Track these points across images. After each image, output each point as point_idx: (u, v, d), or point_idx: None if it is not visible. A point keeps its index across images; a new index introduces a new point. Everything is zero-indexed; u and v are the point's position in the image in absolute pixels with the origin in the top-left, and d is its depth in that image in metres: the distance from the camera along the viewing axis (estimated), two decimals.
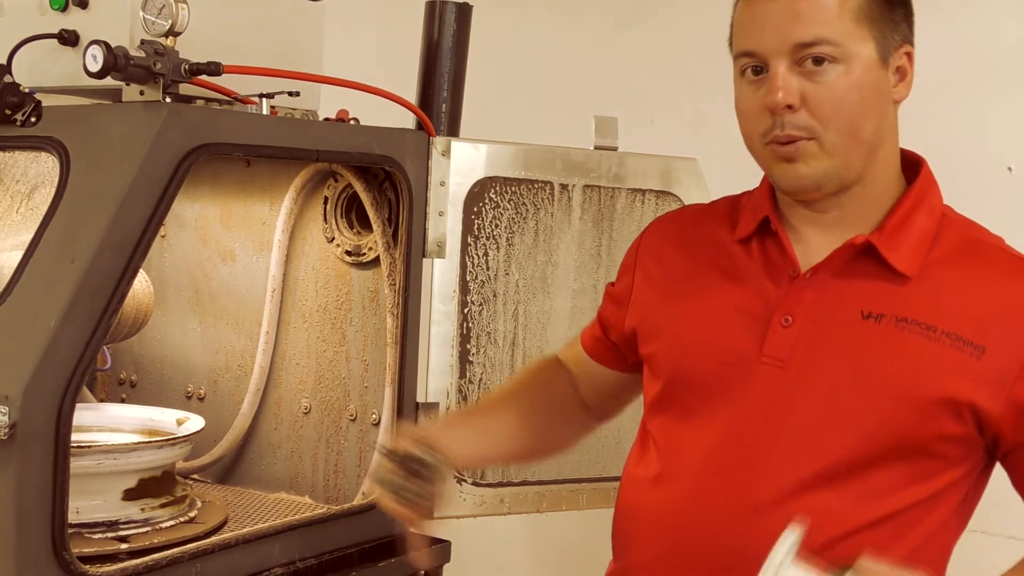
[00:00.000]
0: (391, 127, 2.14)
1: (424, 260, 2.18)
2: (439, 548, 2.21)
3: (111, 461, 1.94)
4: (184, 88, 1.85)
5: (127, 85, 1.80)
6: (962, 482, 1.55)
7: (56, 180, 1.77)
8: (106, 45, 1.71)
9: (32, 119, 1.81)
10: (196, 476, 2.43)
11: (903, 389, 1.48)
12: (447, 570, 2.26)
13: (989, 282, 1.51)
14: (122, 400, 2.55)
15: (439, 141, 2.19)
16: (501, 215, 2.24)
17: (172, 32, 1.79)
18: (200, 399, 2.50)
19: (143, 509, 1.98)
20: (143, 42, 1.77)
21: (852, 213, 1.56)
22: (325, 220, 2.35)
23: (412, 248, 2.15)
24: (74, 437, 1.64)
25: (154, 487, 2.01)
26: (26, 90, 1.82)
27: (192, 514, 2.06)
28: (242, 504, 2.25)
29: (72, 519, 1.67)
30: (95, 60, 1.72)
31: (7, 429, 1.53)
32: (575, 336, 1.91)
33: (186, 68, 1.79)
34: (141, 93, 1.80)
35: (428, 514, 1.60)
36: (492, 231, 2.24)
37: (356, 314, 2.32)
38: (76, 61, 1.80)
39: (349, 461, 2.32)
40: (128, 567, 1.75)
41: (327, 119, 2.13)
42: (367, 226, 2.26)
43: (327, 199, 2.34)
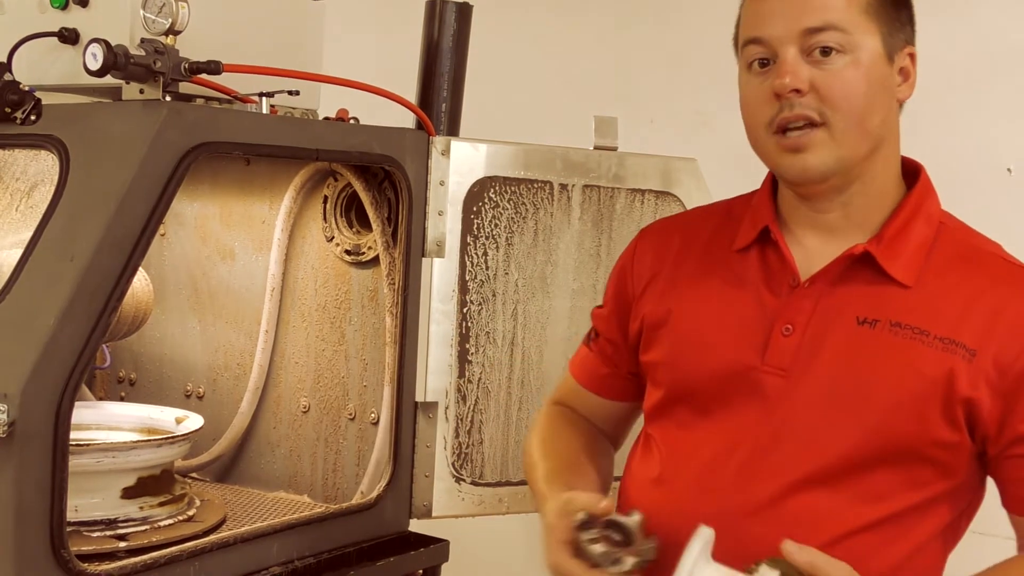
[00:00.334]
0: (391, 126, 2.14)
1: (423, 259, 2.18)
2: (438, 547, 2.22)
3: (110, 459, 1.94)
4: (184, 87, 1.85)
5: (127, 83, 1.80)
6: (957, 494, 1.55)
7: (56, 178, 1.77)
8: (106, 43, 1.71)
9: (32, 117, 1.81)
10: (195, 475, 2.43)
11: (896, 393, 1.49)
12: (446, 569, 2.27)
13: (983, 287, 1.52)
14: (121, 398, 2.55)
15: (439, 141, 2.19)
16: (500, 215, 2.24)
17: (172, 31, 1.79)
18: (199, 398, 2.50)
19: (142, 507, 1.98)
20: (143, 40, 1.77)
21: (852, 215, 1.57)
22: (324, 219, 2.35)
23: (411, 247, 2.15)
24: (73, 435, 1.64)
25: (153, 485, 2.01)
26: (26, 88, 1.82)
27: (191, 513, 2.06)
28: (240, 503, 2.25)
29: (71, 517, 1.67)
30: (95, 58, 1.72)
31: (6, 427, 1.53)
32: (563, 382, 1.89)
33: (186, 67, 1.79)
34: (141, 92, 1.80)
35: None
36: (491, 231, 2.24)
37: (355, 313, 2.32)
38: (76, 59, 1.80)
39: (348, 460, 2.32)
40: (127, 565, 1.75)
41: (327, 118, 2.13)
42: (366, 225, 2.26)
43: (327, 198, 2.34)
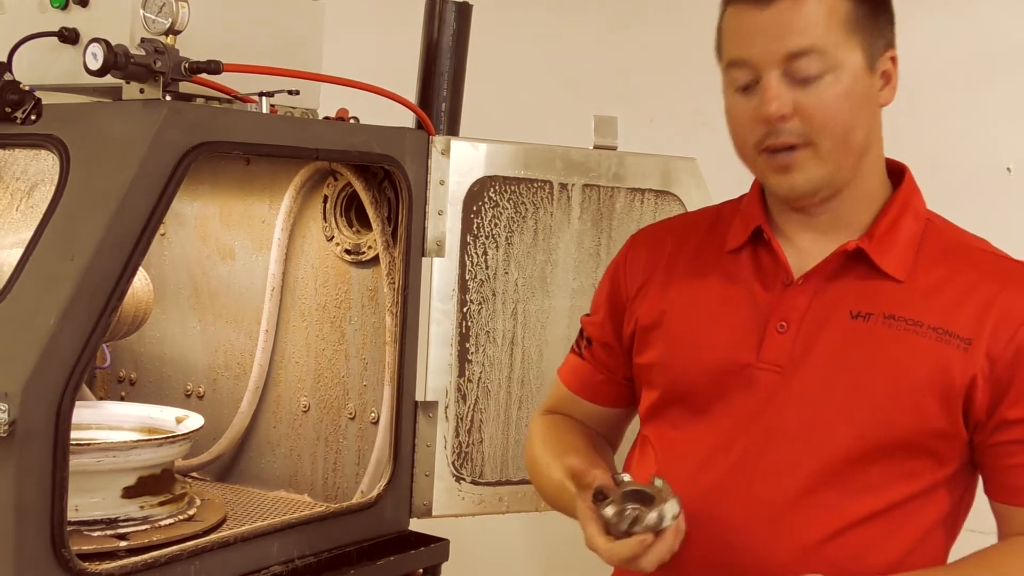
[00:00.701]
0: (391, 126, 2.14)
1: (423, 259, 2.18)
2: (438, 546, 2.22)
3: (110, 459, 1.94)
4: (184, 86, 1.85)
5: (127, 83, 1.80)
6: (954, 482, 1.56)
7: (56, 178, 1.77)
8: (106, 43, 1.72)
9: (32, 117, 1.81)
10: (195, 474, 2.44)
11: (891, 384, 1.51)
12: (446, 568, 2.27)
13: (974, 280, 1.54)
14: (121, 398, 2.55)
15: (439, 140, 2.19)
16: (500, 214, 2.24)
17: (172, 30, 1.79)
18: (199, 397, 2.50)
19: (142, 507, 1.99)
20: (143, 40, 1.77)
21: (842, 217, 1.59)
22: (324, 219, 2.35)
23: (411, 247, 2.15)
24: (73, 435, 1.64)
25: (153, 485, 2.01)
26: (26, 88, 1.82)
27: (191, 512, 2.06)
28: (241, 502, 2.25)
29: (71, 517, 1.67)
30: (95, 58, 1.72)
31: (7, 426, 1.53)
32: (554, 391, 1.91)
33: (186, 66, 1.79)
34: (141, 91, 1.80)
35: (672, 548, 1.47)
36: (491, 230, 2.24)
37: (355, 313, 2.32)
38: (76, 59, 1.80)
39: (348, 459, 2.32)
40: (127, 565, 1.74)
41: (327, 118, 2.13)
42: (366, 225, 2.26)
43: (327, 198, 2.34)
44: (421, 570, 2.21)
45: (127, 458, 1.96)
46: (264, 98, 1.94)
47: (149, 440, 2.05)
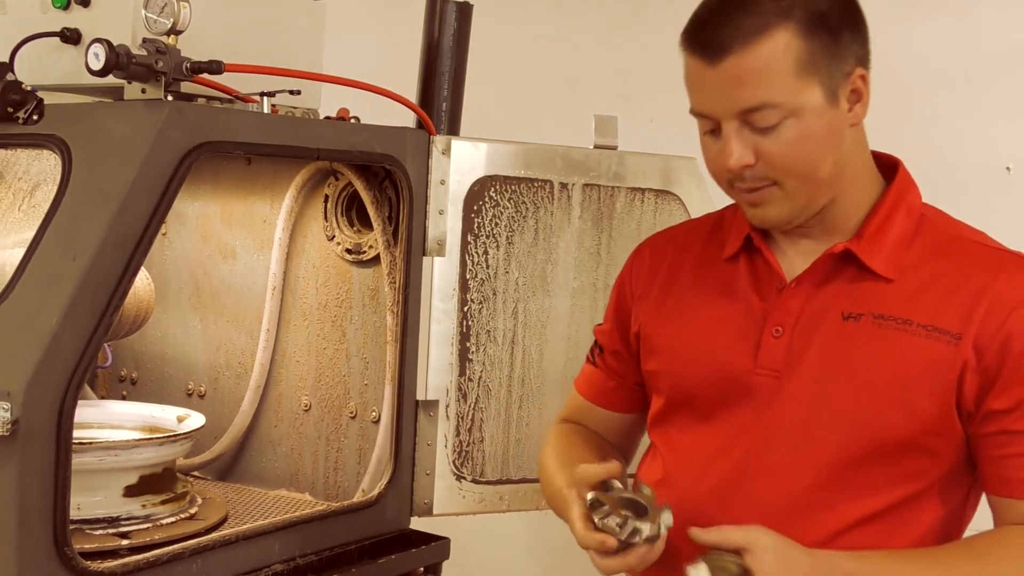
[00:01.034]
0: (391, 126, 2.14)
1: (424, 258, 2.18)
2: (439, 545, 2.22)
3: (112, 458, 1.94)
4: (185, 86, 1.85)
5: (129, 83, 1.81)
6: (956, 481, 1.57)
7: (58, 178, 1.77)
8: (108, 43, 1.72)
9: (34, 117, 1.82)
10: (196, 473, 2.44)
11: (883, 383, 1.52)
12: (446, 567, 2.27)
13: (964, 274, 1.54)
14: (123, 397, 2.56)
15: (439, 140, 2.19)
16: (501, 213, 2.25)
17: (174, 30, 1.79)
18: (200, 396, 2.51)
19: (144, 505, 1.99)
20: (145, 40, 1.78)
21: (832, 222, 1.60)
22: (325, 218, 2.35)
23: (412, 246, 2.15)
24: (75, 434, 1.65)
25: (155, 484, 2.02)
26: (28, 88, 1.83)
27: (193, 511, 2.07)
28: (242, 501, 2.26)
29: (73, 515, 1.67)
30: (97, 58, 1.72)
31: (9, 425, 1.54)
32: (570, 400, 1.93)
33: (188, 66, 1.79)
34: (143, 91, 1.80)
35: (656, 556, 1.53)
36: (492, 229, 2.24)
37: (356, 312, 2.33)
38: (78, 59, 1.81)
39: (349, 458, 2.32)
40: (129, 563, 1.75)
41: (328, 118, 2.14)
42: (367, 224, 2.26)
43: (327, 197, 2.35)
44: (422, 568, 2.21)
45: (129, 457, 1.97)
46: (265, 98, 1.94)
47: (151, 439, 2.05)
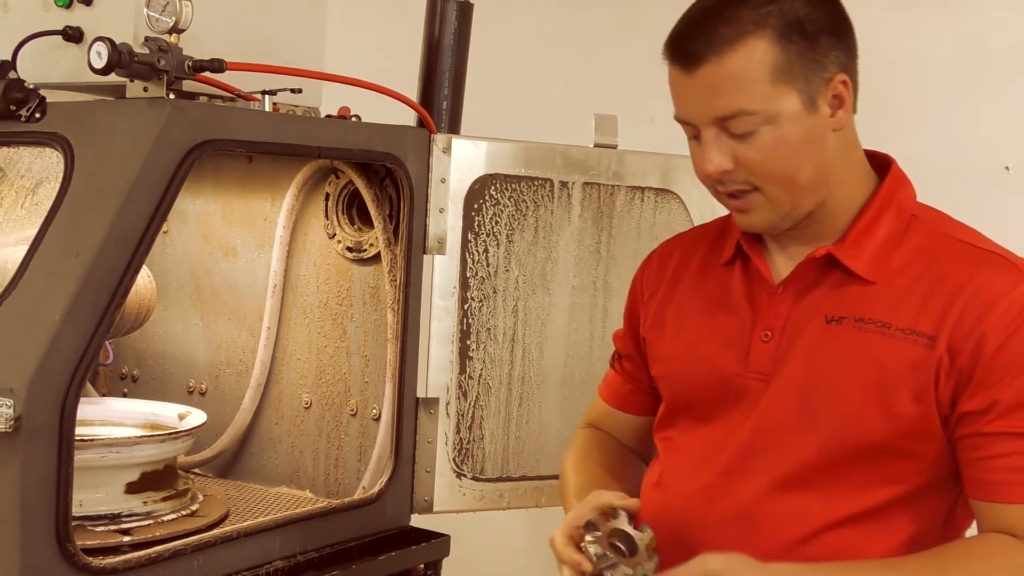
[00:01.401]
0: (392, 124, 2.15)
1: (424, 256, 2.19)
2: (439, 542, 2.23)
3: (114, 455, 1.95)
4: (187, 85, 1.86)
5: (131, 81, 1.82)
6: (942, 487, 1.56)
7: (60, 176, 1.78)
8: (111, 42, 1.73)
9: (36, 115, 1.83)
10: (197, 470, 2.45)
11: (862, 387, 1.52)
12: (447, 564, 2.28)
13: (944, 273, 1.53)
14: (124, 395, 2.56)
15: (440, 138, 2.20)
16: (501, 212, 2.25)
17: (176, 29, 1.80)
18: (201, 394, 2.51)
19: (145, 502, 2.00)
20: (147, 39, 1.79)
21: (820, 225, 1.61)
22: (326, 216, 2.36)
23: (413, 244, 2.16)
24: (77, 431, 1.65)
25: (156, 481, 2.02)
26: (31, 86, 1.83)
27: (194, 508, 2.07)
28: (243, 498, 2.27)
29: (75, 512, 1.68)
30: (100, 57, 1.73)
31: (12, 422, 1.54)
32: (593, 405, 1.95)
33: (189, 65, 1.80)
34: (145, 89, 1.81)
35: None
36: (492, 228, 2.25)
37: (357, 310, 2.33)
38: (80, 57, 1.81)
39: (349, 456, 2.33)
40: (131, 560, 1.76)
41: (329, 116, 2.14)
42: (368, 222, 2.27)
43: (328, 195, 2.35)
44: (422, 565, 2.22)
45: (130, 454, 1.97)
46: (267, 96, 1.95)
47: (152, 436, 2.06)
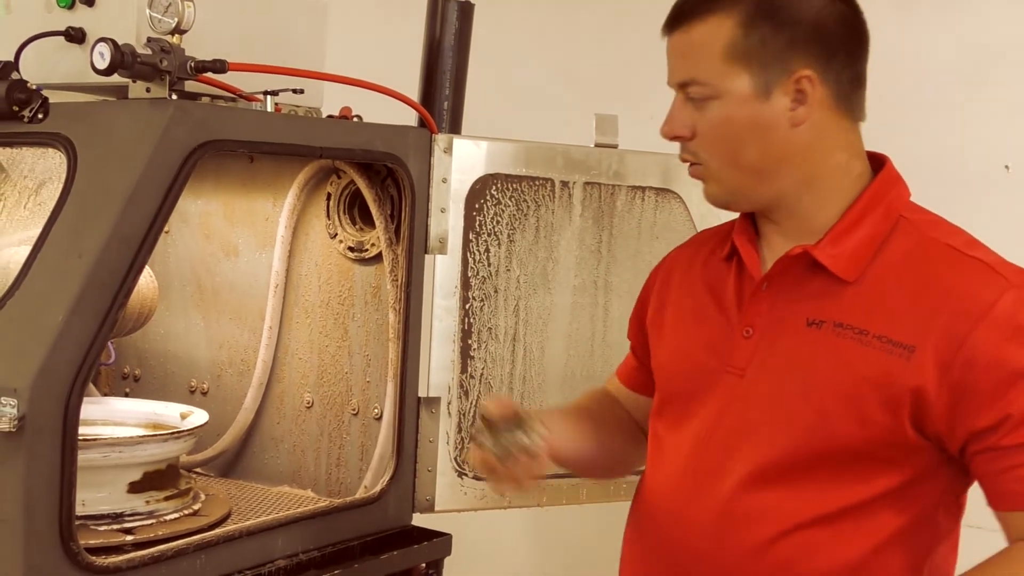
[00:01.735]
0: (394, 124, 2.16)
1: (426, 256, 2.19)
2: (441, 541, 2.24)
3: (117, 454, 1.95)
4: (190, 85, 1.87)
5: (133, 82, 1.82)
6: (917, 492, 1.55)
7: (63, 176, 1.78)
8: (113, 43, 1.73)
9: (39, 115, 1.83)
10: (199, 470, 2.45)
11: (836, 392, 1.52)
12: (448, 563, 2.28)
13: (927, 279, 1.52)
14: (126, 394, 2.57)
15: (441, 138, 2.20)
16: (502, 212, 2.26)
17: (178, 30, 1.80)
18: (203, 394, 2.52)
19: (148, 502, 2.00)
20: (149, 39, 1.79)
21: (803, 221, 1.61)
22: (328, 216, 2.36)
23: (414, 244, 2.16)
24: (79, 430, 1.66)
25: (158, 480, 2.03)
26: (33, 87, 1.84)
27: (196, 507, 2.08)
28: (245, 497, 2.27)
29: (78, 511, 1.68)
30: (102, 57, 1.73)
31: (16, 421, 1.55)
32: (609, 380, 1.97)
33: (192, 65, 1.81)
34: (147, 90, 1.82)
35: (512, 479, 1.61)
36: (493, 227, 2.25)
37: (358, 310, 2.34)
38: (83, 58, 1.82)
39: (351, 455, 2.34)
40: (134, 559, 1.76)
41: (330, 116, 2.15)
42: (370, 222, 2.28)
43: (330, 195, 2.36)
44: (424, 564, 2.22)
45: (133, 453, 1.98)
46: (269, 97, 1.96)
47: (155, 435, 2.06)
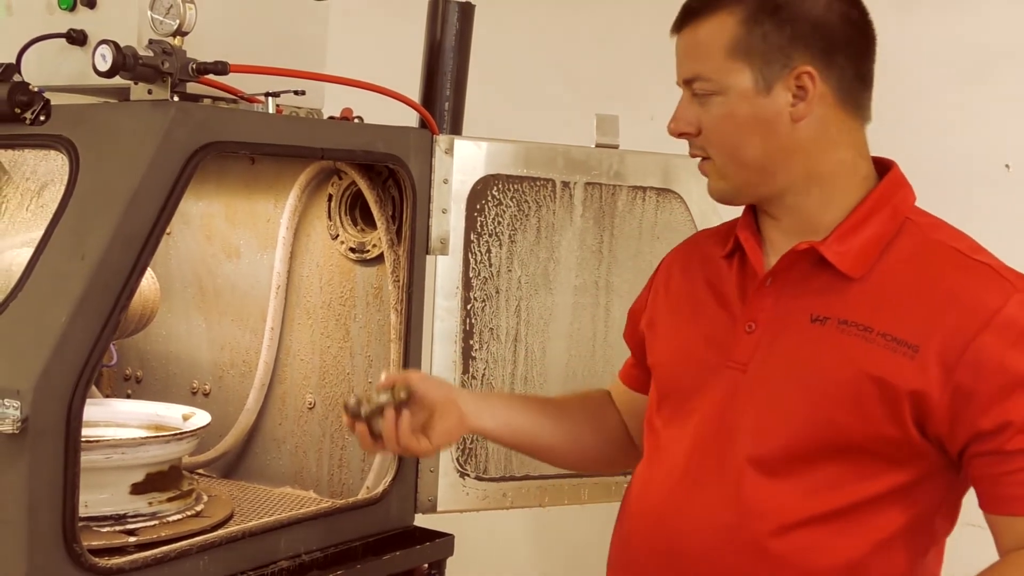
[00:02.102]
0: (395, 125, 2.16)
1: (427, 257, 2.20)
2: (443, 542, 2.24)
3: (119, 455, 1.96)
4: (191, 87, 1.87)
5: (135, 84, 1.82)
6: (917, 491, 1.56)
7: (65, 178, 1.79)
8: (115, 45, 1.73)
9: (41, 118, 1.83)
10: (201, 471, 2.45)
11: (838, 387, 1.53)
12: (450, 563, 2.29)
13: (933, 280, 1.54)
14: (128, 396, 2.57)
15: (442, 139, 2.21)
16: (503, 212, 2.26)
17: (180, 32, 1.81)
18: (205, 395, 2.52)
19: (150, 503, 2.00)
20: (151, 41, 1.79)
21: (808, 219, 1.62)
22: (329, 217, 2.36)
23: (415, 245, 2.17)
24: (82, 432, 1.66)
25: (161, 481, 2.03)
26: (35, 89, 1.84)
27: (199, 508, 2.08)
28: (247, 498, 2.27)
29: (81, 513, 1.68)
30: (104, 59, 1.74)
31: (19, 423, 1.55)
32: (613, 381, 1.98)
33: (193, 67, 1.81)
34: (149, 92, 1.82)
35: (365, 437, 1.71)
36: (495, 228, 2.26)
37: (360, 310, 2.34)
38: (84, 60, 1.82)
39: (353, 456, 2.34)
40: (137, 560, 1.76)
41: (331, 117, 2.15)
42: (371, 223, 2.28)
43: (331, 196, 2.36)
44: (426, 565, 2.22)
45: (136, 455, 1.98)
46: (270, 98, 1.96)
47: (157, 437, 2.06)
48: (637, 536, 1.69)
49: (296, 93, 2.02)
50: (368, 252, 2.32)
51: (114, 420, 2.27)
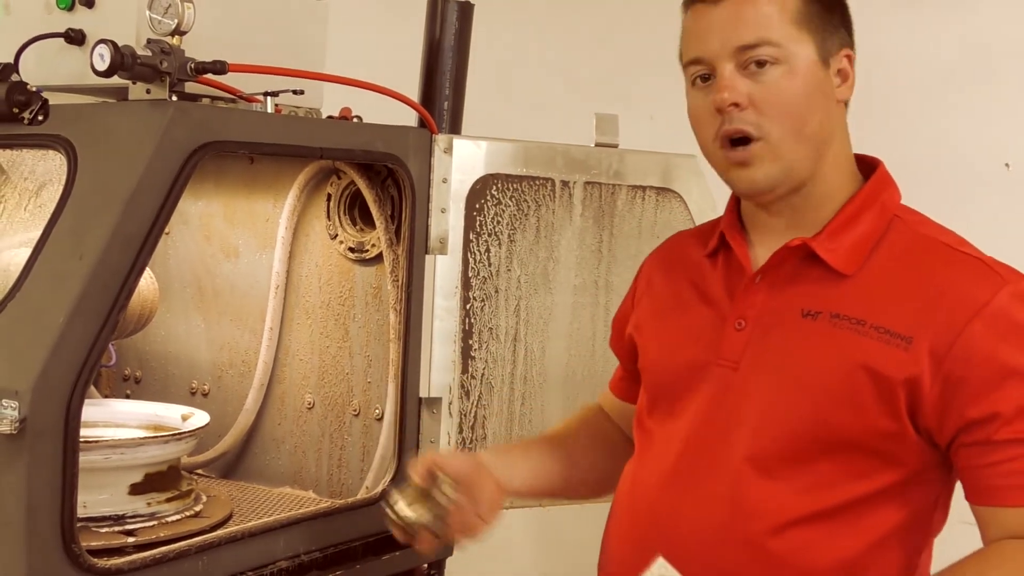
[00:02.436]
0: (394, 125, 2.16)
1: (427, 256, 2.19)
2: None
3: (118, 456, 1.95)
4: (190, 87, 1.87)
5: (133, 84, 1.82)
6: (913, 489, 1.56)
7: (64, 178, 1.78)
8: (113, 44, 1.73)
9: (39, 117, 1.83)
10: (200, 471, 2.45)
11: (832, 381, 1.53)
12: (450, 564, 2.28)
13: (924, 274, 1.54)
14: (127, 396, 2.56)
15: (441, 138, 2.20)
16: (503, 212, 2.26)
17: (178, 31, 1.80)
18: (204, 395, 2.51)
19: (149, 503, 2.00)
20: (149, 41, 1.79)
21: (802, 215, 1.61)
22: (328, 217, 2.36)
23: (415, 244, 2.16)
24: (81, 432, 1.66)
25: (160, 482, 2.03)
26: (33, 88, 1.84)
27: (197, 508, 2.07)
28: (246, 499, 2.27)
29: (79, 513, 1.68)
30: (102, 59, 1.73)
31: (17, 424, 1.55)
32: (602, 390, 1.99)
33: (192, 67, 1.80)
34: (147, 91, 1.82)
35: (429, 543, 1.68)
36: (494, 227, 2.25)
37: (359, 310, 2.34)
38: (83, 60, 1.82)
39: (352, 456, 2.33)
40: (135, 560, 1.76)
41: (330, 117, 2.15)
42: (370, 223, 2.27)
43: (330, 196, 2.36)
44: (426, 565, 2.22)
45: (134, 455, 1.98)
46: (269, 98, 1.96)
47: (155, 437, 2.06)
48: (629, 535, 1.69)
49: (295, 92, 2.01)
50: (367, 252, 2.31)
51: (113, 420, 2.27)
